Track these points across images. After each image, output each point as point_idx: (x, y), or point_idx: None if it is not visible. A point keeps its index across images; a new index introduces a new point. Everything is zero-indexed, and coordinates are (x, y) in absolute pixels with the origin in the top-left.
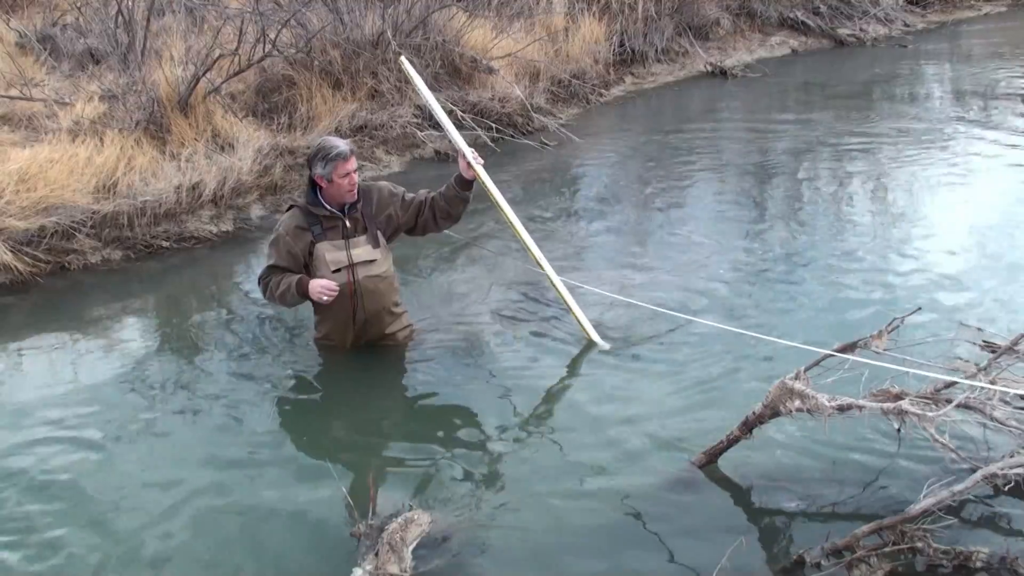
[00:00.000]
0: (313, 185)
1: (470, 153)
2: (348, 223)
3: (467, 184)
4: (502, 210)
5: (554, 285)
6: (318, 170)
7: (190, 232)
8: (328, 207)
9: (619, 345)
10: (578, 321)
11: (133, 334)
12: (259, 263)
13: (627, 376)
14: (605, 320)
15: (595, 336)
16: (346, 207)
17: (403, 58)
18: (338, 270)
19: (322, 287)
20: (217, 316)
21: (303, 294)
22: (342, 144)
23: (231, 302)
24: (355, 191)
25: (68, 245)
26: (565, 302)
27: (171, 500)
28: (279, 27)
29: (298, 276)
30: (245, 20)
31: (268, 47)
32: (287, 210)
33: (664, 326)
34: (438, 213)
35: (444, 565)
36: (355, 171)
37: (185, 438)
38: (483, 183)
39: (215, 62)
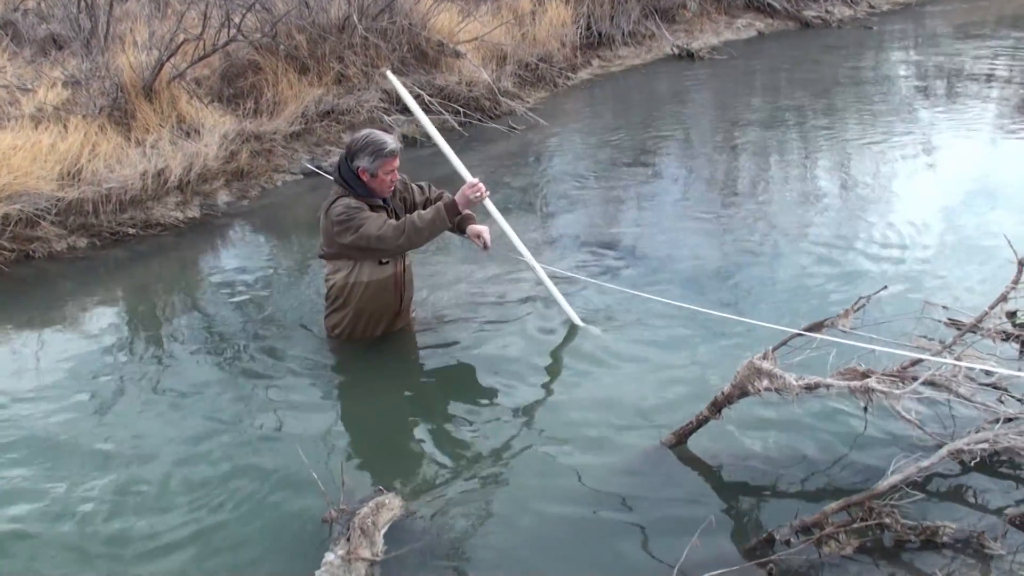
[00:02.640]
0: (356, 177)
1: (476, 185)
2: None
3: (456, 213)
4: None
5: (535, 271)
6: (363, 163)
7: (156, 219)
8: (377, 200)
9: (590, 333)
10: (560, 305)
11: (99, 322)
12: (227, 249)
13: (598, 359)
14: (577, 304)
15: (576, 319)
16: (385, 200)
17: (388, 72)
18: (386, 262)
19: (475, 186)
20: (183, 303)
21: (453, 212)
22: (392, 141)
23: (198, 289)
24: (393, 188)
25: (32, 233)
26: (547, 288)
27: (138, 489)
28: (244, 11)
29: (439, 205)
30: (209, 4)
31: (233, 32)
32: (336, 201)
33: (633, 308)
34: None
35: (416, 548)
36: (396, 168)
37: (152, 426)
38: (489, 211)
39: (179, 47)
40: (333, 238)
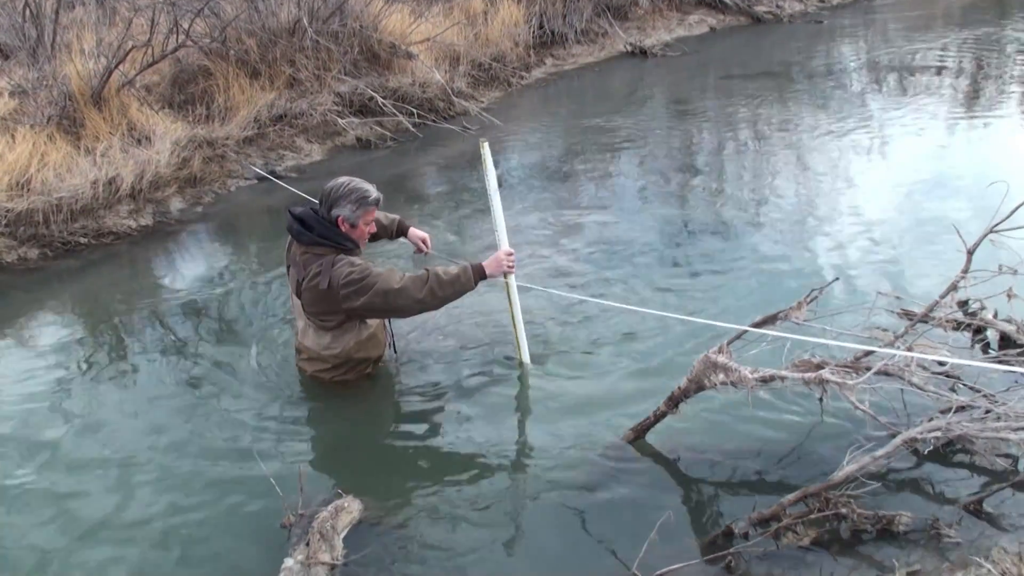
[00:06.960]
0: (336, 228)
1: (513, 255)
2: None
3: (483, 276)
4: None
5: (511, 298)
6: (345, 212)
7: (108, 228)
8: (359, 252)
9: (546, 335)
10: (515, 334)
11: (52, 333)
12: (181, 257)
13: (556, 356)
14: (531, 307)
15: (526, 357)
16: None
17: (486, 144)
18: None
19: (512, 255)
20: (138, 312)
21: (480, 275)
22: (374, 190)
23: (152, 297)
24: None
25: None
26: (512, 314)
27: (97, 499)
28: (192, 16)
29: (465, 265)
30: (157, 10)
31: (182, 37)
32: (337, 262)
33: (588, 307)
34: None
35: (376, 551)
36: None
37: (108, 436)
38: (507, 288)
39: (128, 54)
40: (339, 305)
